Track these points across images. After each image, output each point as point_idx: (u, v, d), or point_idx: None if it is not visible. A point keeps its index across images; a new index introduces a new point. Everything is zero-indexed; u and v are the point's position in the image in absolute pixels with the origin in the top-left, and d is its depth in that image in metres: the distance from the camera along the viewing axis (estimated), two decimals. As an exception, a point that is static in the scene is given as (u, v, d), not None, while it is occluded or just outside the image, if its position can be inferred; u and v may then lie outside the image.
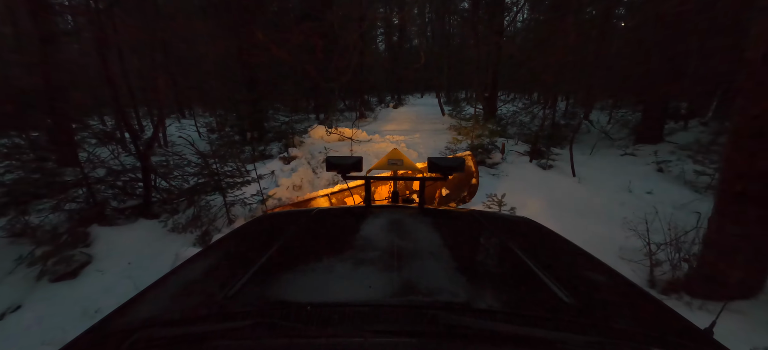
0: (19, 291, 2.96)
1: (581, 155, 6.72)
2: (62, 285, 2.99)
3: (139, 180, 3.94)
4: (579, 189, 4.85)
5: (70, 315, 2.61)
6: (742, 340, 2.13)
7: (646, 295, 0.76)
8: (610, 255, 3.15)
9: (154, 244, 3.35)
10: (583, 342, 0.50)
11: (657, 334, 0.57)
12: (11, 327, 2.64)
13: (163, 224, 3.66)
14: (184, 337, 0.54)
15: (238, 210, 3.78)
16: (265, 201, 3.68)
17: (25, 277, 3.15)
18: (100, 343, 0.57)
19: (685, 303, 2.47)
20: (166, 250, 3.12)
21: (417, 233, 0.99)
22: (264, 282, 0.72)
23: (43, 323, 2.60)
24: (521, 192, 4.59)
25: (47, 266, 3.08)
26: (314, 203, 3.16)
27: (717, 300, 2.37)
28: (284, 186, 4.15)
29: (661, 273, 2.75)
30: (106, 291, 2.80)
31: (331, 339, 0.49)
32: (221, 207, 3.70)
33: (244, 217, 3.58)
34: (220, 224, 3.60)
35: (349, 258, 0.81)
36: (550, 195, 4.54)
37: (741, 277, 2.28)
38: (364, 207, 1.30)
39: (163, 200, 4.13)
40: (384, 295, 0.64)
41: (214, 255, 0.96)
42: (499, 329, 0.52)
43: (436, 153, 6.95)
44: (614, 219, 3.86)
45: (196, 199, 3.97)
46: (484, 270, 0.82)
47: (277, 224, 1.16)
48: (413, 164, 1.71)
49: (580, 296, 0.66)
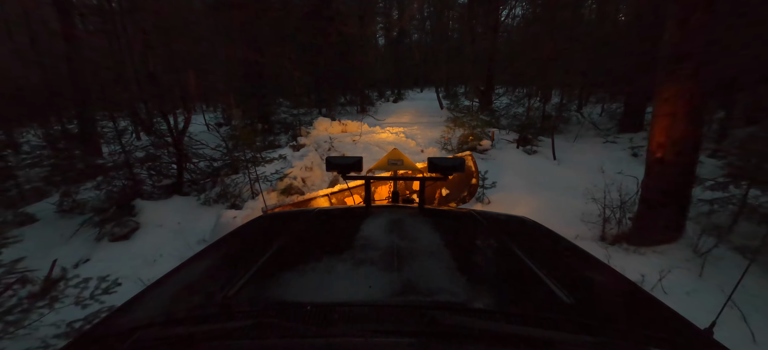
0: (85, 249, 3.65)
1: (566, 143, 7.39)
2: (119, 245, 3.66)
3: (174, 163, 4.62)
4: (557, 170, 5.52)
5: (133, 263, 3.29)
6: (674, 279, 2.80)
7: (646, 295, 0.76)
8: (573, 219, 3.81)
9: (192, 212, 4.03)
10: (582, 342, 0.51)
11: (657, 334, 0.57)
12: (85, 273, 3.32)
13: (197, 198, 4.34)
14: (185, 337, 0.55)
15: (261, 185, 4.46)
16: (283, 179, 4.35)
17: (86, 239, 3.84)
18: (101, 343, 0.58)
19: (624, 250, 3.14)
20: (205, 216, 3.81)
21: (417, 233, 1.00)
22: (264, 282, 0.72)
23: (111, 269, 3.28)
24: (505, 172, 5.25)
25: (105, 229, 3.76)
26: (314, 203, 3.22)
27: (648, 246, 3.04)
28: (297, 168, 4.81)
29: (610, 229, 3.42)
30: (160, 246, 3.48)
31: (331, 339, 0.50)
32: (246, 183, 4.39)
33: (266, 191, 4.25)
34: (245, 196, 4.28)
35: (349, 258, 0.81)
36: (531, 175, 5.21)
37: (664, 225, 2.94)
38: (364, 207, 1.32)
39: (192, 180, 4.81)
40: (384, 295, 0.64)
41: (214, 255, 0.97)
42: (498, 329, 0.53)
43: (432, 143, 7.61)
44: (584, 193, 4.53)
45: (220, 179, 4.66)
46: (484, 271, 0.83)
47: (277, 224, 1.18)
48: (413, 164, 1.78)
49: (580, 296, 0.67)
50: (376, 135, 8.13)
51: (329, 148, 6.62)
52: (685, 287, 2.63)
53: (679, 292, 2.60)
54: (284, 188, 4.22)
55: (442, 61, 17.61)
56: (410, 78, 23.66)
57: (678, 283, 2.65)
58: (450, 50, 17.45)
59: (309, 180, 4.76)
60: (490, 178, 4.40)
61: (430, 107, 14.13)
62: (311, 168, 5.09)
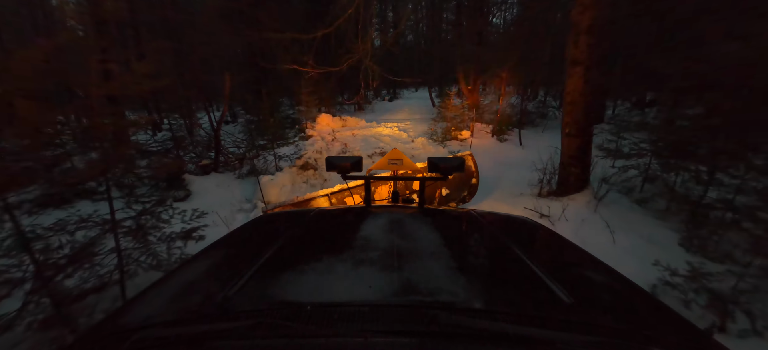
0: (155, 208, 4.95)
1: (535, 133, 8.81)
2: (181, 204, 4.97)
3: (212, 147, 5.94)
4: (521, 153, 6.92)
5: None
6: (576, 212, 4.17)
7: (646, 295, 0.78)
8: (523, 184, 5.18)
9: (231, 184, 5.36)
10: (582, 342, 0.52)
11: (657, 334, 0.59)
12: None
13: (233, 174, 5.67)
14: (185, 337, 0.56)
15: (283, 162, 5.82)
16: (301, 157, 5.69)
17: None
18: (101, 343, 0.60)
19: (550, 200, 4.50)
20: (241, 186, 5.15)
21: (417, 233, 1.01)
22: (264, 282, 0.74)
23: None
24: (479, 155, 6.63)
25: (170, 193, 5.07)
26: (314, 203, 3.31)
27: (566, 195, 4.41)
28: (309, 151, 6.16)
29: (544, 188, 4.80)
30: (212, 204, 4.79)
31: (331, 339, 0.51)
32: (271, 161, 5.73)
33: (289, 166, 5.58)
34: (271, 171, 5.63)
35: (349, 258, 0.83)
36: (499, 157, 6.61)
37: (574, 179, 4.33)
38: (364, 207, 1.34)
39: (225, 161, 6.14)
40: (384, 295, 0.66)
41: (214, 255, 0.98)
42: (498, 329, 0.54)
43: (421, 135, 9.00)
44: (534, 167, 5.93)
45: (249, 159, 6.00)
46: (483, 270, 0.84)
47: (277, 224, 1.21)
48: (413, 164, 1.81)
49: (580, 296, 0.68)
50: (372, 129, 9.50)
51: (333, 139, 7.95)
52: (582, 217, 4.00)
53: (577, 220, 3.96)
54: (302, 164, 5.55)
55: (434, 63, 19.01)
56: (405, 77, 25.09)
57: (578, 215, 4.02)
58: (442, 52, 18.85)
59: (319, 161, 6.10)
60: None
61: (423, 105, 15.56)
62: (320, 152, 6.44)
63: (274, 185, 4.62)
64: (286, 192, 4.69)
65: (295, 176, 5.26)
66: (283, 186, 4.74)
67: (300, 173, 5.42)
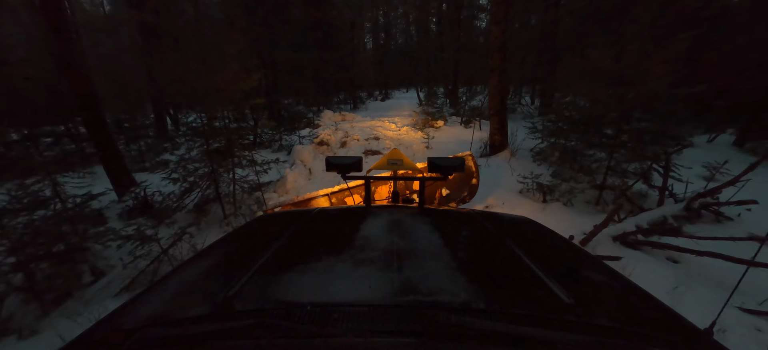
0: (220, 171, 7.53)
1: (497, 122, 11.55)
2: (237, 169, 7.54)
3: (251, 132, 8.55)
4: (479, 134, 9.62)
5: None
6: (497, 163, 6.84)
7: (646, 295, 0.79)
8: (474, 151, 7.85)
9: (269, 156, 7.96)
10: (582, 342, 0.54)
11: (657, 334, 0.60)
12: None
13: (269, 150, 8.29)
14: (185, 337, 0.58)
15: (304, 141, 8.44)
16: (315, 141, 8.31)
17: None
18: (101, 343, 0.62)
19: (485, 158, 7.17)
20: (277, 154, 7.75)
21: (417, 233, 1.04)
22: (264, 282, 0.76)
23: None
24: (446, 135, 9.33)
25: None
26: (314, 203, 3.36)
27: (493, 155, 7.09)
28: (322, 134, 8.78)
29: (484, 151, 7.48)
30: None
31: (331, 339, 0.52)
32: (295, 140, 8.37)
33: (309, 144, 8.20)
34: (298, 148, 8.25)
35: (349, 258, 0.85)
36: (461, 136, 9.32)
37: (498, 144, 7.03)
38: (363, 207, 1.39)
39: (260, 142, 8.74)
40: (384, 295, 0.68)
41: (214, 255, 1.00)
42: (498, 329, 0.55)
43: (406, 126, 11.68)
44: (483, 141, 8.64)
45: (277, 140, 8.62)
46: (483, 270, 0.86)
47: (277, 224, 1.24)
48: (413, 164, 1.90)
49: (580, 296, 0.70)
50: (367, 122, 12.17)
51: (336, 128, 10.56)
52: (499, 164, 6.65)
53: (495, 166, 6.61)
54: (319, 141, 8.18)
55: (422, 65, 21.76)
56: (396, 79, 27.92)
57: (499, 165, 6.67)
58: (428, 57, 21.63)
59: (330, 141, 8.71)
60: (438, 137, 8.47)
61: (412, 104, 18.24)
62: (331, 135, 9.08)
63: (303, 151, 7.23)
64: (310, 157, 7.28)
65: (313, 150, 7.86)
66: (309, 153, 7.36)
67: (317, 148, 8.02)
